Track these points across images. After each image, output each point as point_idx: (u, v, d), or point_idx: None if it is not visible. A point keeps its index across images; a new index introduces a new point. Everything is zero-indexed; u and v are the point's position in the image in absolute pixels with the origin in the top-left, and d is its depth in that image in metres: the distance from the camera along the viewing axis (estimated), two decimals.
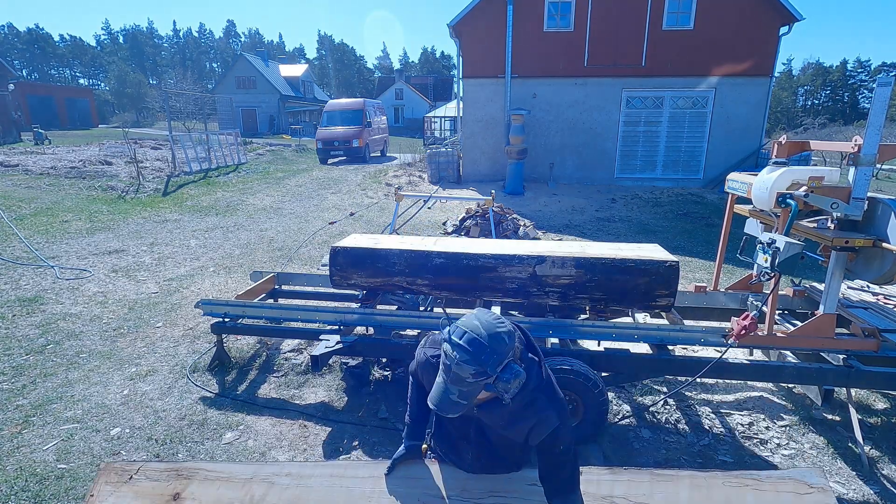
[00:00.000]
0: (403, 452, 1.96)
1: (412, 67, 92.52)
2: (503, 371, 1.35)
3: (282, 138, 31.89)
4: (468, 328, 1.36)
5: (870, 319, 3.35)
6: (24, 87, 38.45)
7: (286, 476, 2.11)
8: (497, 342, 1.35)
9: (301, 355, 4.31)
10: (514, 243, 3.74)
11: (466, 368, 1.33)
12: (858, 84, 63.97)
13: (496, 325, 1.38)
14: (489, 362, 1.33)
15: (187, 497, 2.06)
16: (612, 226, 9.91)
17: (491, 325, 1.37)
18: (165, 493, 2.07)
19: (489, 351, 1.33)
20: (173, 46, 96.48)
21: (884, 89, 2.66)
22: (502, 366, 1.35)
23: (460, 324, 1.40)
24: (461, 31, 14.06)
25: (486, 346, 1.33)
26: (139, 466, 2.19)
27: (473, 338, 1.34)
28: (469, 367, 1.33)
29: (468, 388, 1.37)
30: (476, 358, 1.32)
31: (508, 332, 1.39)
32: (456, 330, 1.38)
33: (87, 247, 7.60)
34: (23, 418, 3.41)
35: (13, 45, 76.87)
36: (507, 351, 1.36)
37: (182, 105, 24.66)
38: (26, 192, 10.88)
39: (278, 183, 14.47)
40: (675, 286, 3.23)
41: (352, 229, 9.06)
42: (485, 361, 1.33)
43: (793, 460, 3.09)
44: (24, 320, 4.98)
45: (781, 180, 3.10)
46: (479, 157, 14.98)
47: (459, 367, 1.33)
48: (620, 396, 3.76)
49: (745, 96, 13.75)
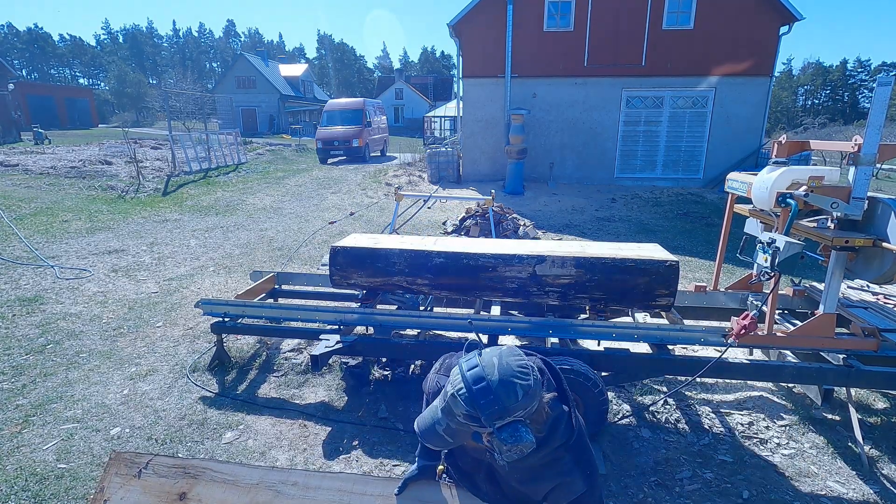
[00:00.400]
0: (416, 473, 1.78)
1: (412, 67, 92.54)
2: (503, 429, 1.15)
3: (282, 138, 31.89)
4: (483, 364, 1.18)
5: (870, 319, 3.35)
6: (23, 86, 38.44)
7: (292, 486, 2.06)
8: (506, 393, 1.14)
9: (301, 355, 4.31)
10: (514, 243, 3.74)
11: (460, 406, 1.16)
12: (858, 84, 63.98)
13: (515, 373, 1.17)
14: (486, 410, 1.14)
15: (193, 498, 2.05)
16: (611, 225, 9.91)
17: (508, 371, 1.17)
18: (172, 492, 2.07)
19: (492, 399, 1.14)
20: (173, 46, 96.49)
21: (884, 89, 2.66)
22: (504, 422, 1.15)
23: (481, 355, 1.22)
24: (461, 30, 14.06)
25: (489, 392, 1.14)
26: (149, 459, 2.20)
27: (481, 377, 1.16)
28: (463, 406, 1.16)
29: (456, 427, 1.20)
30: (474, 400, 1.15)
31: (526, 386, 1.16)
32: (471, 360, 1.21)
33: (87, 246, 7.60)
34: (23, 418, 3.41)
35: (13, 45, 76.87)
36: (514, 407, 1.15)
37: (182, 105, 24.67)
38: (26, 191, 10.88)
39: (278, 183, 14.46)
40: (674, 286, 3.23)
41: (352, 229, 9.06)
42: (482, 407, 1.14)
43: (793, 460, 3.09)
44: (24, 320, 4.98)
45: (781, 180, 3.10)
46: (478, 156, 14.98)
47: (454, 399, 1.17)
48: (620, 396, 3.76)
49: (745, 96, 13.75)
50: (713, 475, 2.95)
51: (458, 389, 1.17)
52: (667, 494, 2.81)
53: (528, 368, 1.20)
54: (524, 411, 1.16)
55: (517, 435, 1.14)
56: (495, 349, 1.24)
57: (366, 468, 2.99)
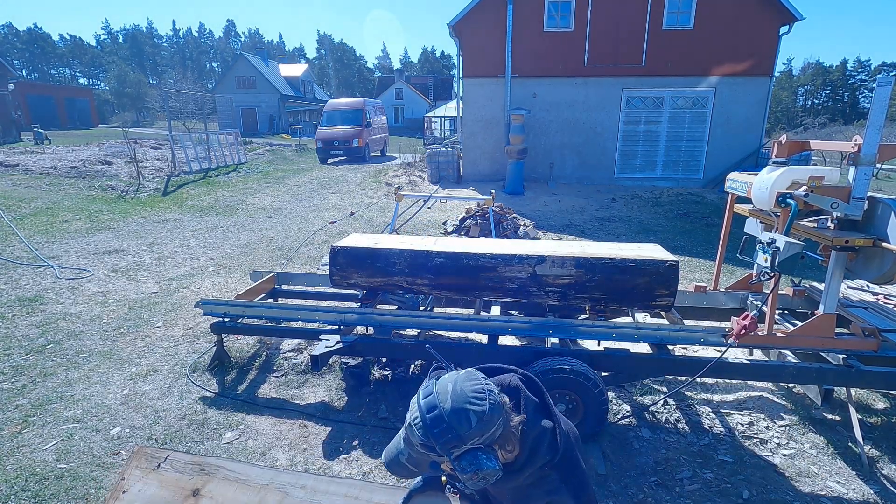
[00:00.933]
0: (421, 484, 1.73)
1: (412, 67, 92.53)
2: (461, 458, 1.11)
3: (282, 138, 31.89)
4: (437, 391, 1.14)
5: (870, 319, 3.35)
6: (23, 86, 38.45)
7: (301, 489, 2.14)
8: (458, 421, 1.09)
9: (301, 355, 4.31)
10: (514, 243, 3.74)
11: (416, 435, 1.12)
12: (858, 84, 63.96)
13: (469, 398, 1.11)
14: (440, 440, 1.09)
15: (206, 495, 2.12)
16: (611, 225, 9.92)
17: (461, 398, 1.11)
18: (187, 488, 2.15)
19: (445, 427, 1.09)
20: (173, 46, 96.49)
21: (884, 89, 2.66)
22: (461, 450, 1.10)
23: (437, 381, 1.18)
24: (461, 30, 14.06)
25: (442, 421, 1.09)
26: (167, 455, 2.33)
27: (434, 405, 1.11)
28: (418, 436, 1.12)
29: (417, 456, 1.17)
30: (427, 429, 1.10)
31: (480, 412, 1.10)
32: (428, 387, 1.17)
33: (87, 246, 7.60)
34: (23, 418, 3.41)
35: (13, 45, 76.85)
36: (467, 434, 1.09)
37: (182, 105, 24.67)
38: (26, 191, 10.88)
39: (278, 183, 14.47)
40: (674, 286, 3.23)
41: (352, 229, 9.06)
42: (435, 436, 1.09)
43: (793, 460, 3.09)
44: (24, 320, 4.98)
45: (781, 180, 3.10)
46: (478, 156, 14.98)
47: (411, 429, 1.14)
48: (620, 396, 3.76)
49: (745, 96, 13.75)
50: (713, 475, 2.95)
51: (414, 419, 1.14)
52: (667, 494, 2.81)
53: (483, 393, 1.15)
54: (481, 437, 1.12)
55: (476, 463, 1.11)
56: (453, 374, 1.20)
57: (366, 468, 2.99)
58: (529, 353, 3.32)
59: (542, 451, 1.25)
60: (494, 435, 1.14)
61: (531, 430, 1.25)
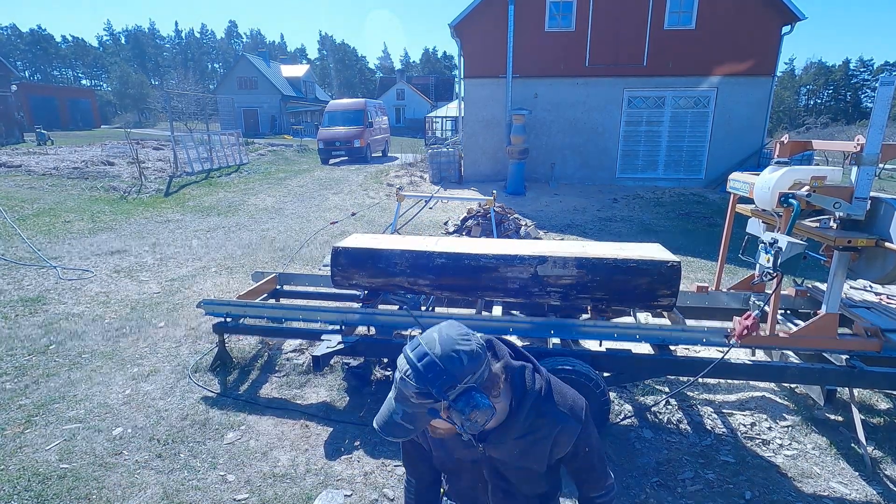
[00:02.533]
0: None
1: (413, 67, 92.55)
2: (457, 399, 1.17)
3: (283, 138, 31.92)
4: (424, 341, 1.21)
5: (872, 319, 3.34)
6: (26, 87, 38.56)
7: None
8: (450, 362, 1.17)
9: (302, 355, 4.31)
10: (516, 243, 3.73)
11: (410, 386, 1.17)
12: (861, 83, 63.78)
13: (457, 341, 1.20)
14: (435, 383, 1.16)
15: None
16: (613, 226, 9.90)
17: (449, 342, 1.20)
18: None
19: (438, 370, 1.16)
20: (175, 47, 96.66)
21: (886, 88, 2.65)
22: (456, 392, 1.17)
23: (421, 335, 1.25)
24: (462, 31, 14.06)
25: (435, 365, 1.16)
26: None
27: (424, 352, 1.18)
28: (413, 385, 1.17)
29: (412, 410, 1.21)
30: (421, 376, 1.16)
31: (470, 352, 1.19)
32: (413, 342, 1.23)
33: (90, 247, 7.62)
34: (25, 418, 3.42)
35: (16, 46, 77.09)
36: (461, 374, 1.17)
37: (184, 105, 24.74)
38: (29, 192, 10.91)
39: (280, 183, 14.48)
40: (676, 286, 3.23)
41: (353, 229, 9.07)
42: (430, 381, 1.16)
43: (795, 461, 3.09)
44: (27, 320, 4.99)
45: (783, 180, 3.10)
46: (480, 157, 14.97)
47: (404, 382, 1.18)
48: (622, 396, 3.76)
49: (746, 96, 13.72)
50: (715, 476, 2.95)
51: (406, 372, 1.19)
52: (669, 495, 2.80)
53: (468, 335, 1.24)
54: (473, 376, 1.19)
55: (472, 402, 1.17)
56: (435, 327, 1.27)
57: (367, 469, 2.99)
58: (531, 353, 3.31)
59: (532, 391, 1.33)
60: (483, 375, 1.21)
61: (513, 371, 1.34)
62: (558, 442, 1.36)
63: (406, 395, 1.19)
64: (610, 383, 3.40)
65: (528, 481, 1.45)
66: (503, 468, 1.43)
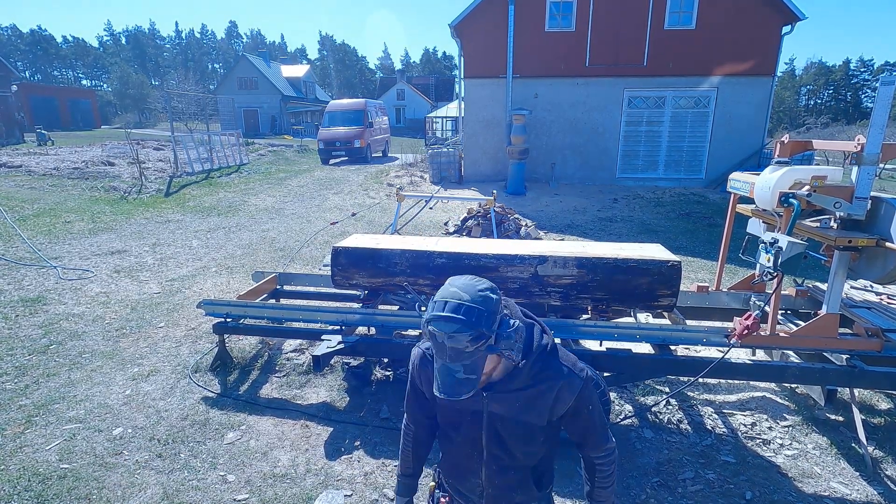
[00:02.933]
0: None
1: (414, 68, 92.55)
2: (500, 327, 1.24)
3: (283, 139, 31.93)
4: (449, 297, 1.24)
5: (873, 319, 3.33)
6: (27, 88, 38.58)
7: None
8: (484, 300, 1.24)
9: (303, 355, 4.31)
10: (516, 243, 3.73)
11: (462, 338, 1.20)
12: (861, 83, 63.77)
13: (475, 283, 1.27)
14: (482, 322, 1.21)
15: None
16: (613, 226, 9.90)
17: (471, 286, 1.26)
18: None
19: (478, 311, 1.22)
20: (175, 47, 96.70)
21: (887, 88, 2.65)
22: (497, 322, 1.24)
23: (438, 297, 1.27)
24: (462, 31, 14.06)
25: (473, 308, 1.22)
26: None
27: (458, 304, 1.22)
28: (464, 336, 1.20)
29: (471, 361, 1.25)
30: (468, 323, 1.20)
31: (490, 287, 1.28)
32: (436, 304, 1.25)
33: (90, 247, 7.62)
34: (25, 418, 3.42)
35: (16, 47, 77.14)
36: (495, 306, 1.25)
37: (184, 106, 24.74)
38: (29, 192, 10.92)
39: (280, 183, 14.49)
40: (677, 286, 3.22)
41: (353, 230, 9.07)
42: (477, 323, 1.21)
43: (796, 461, 3.08)
44: (27, 320, 4.99)
45: (784, 180, 3.09)
46: (480, 157, 14.97)
47: (454, 339, 1.20)
48: (622, 396, 3.75)
49: (747, 96, 13.71)
50: (716, 476, 2.94)
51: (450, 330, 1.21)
52: (669, 495, 2.80)
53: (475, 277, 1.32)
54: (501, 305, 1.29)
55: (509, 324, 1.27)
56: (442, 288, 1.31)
57: (367, 469, 2.99)
58: None
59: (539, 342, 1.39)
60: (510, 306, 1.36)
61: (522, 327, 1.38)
62: (560, 397, 1.38)
63: (460, 350, 1.22)
64: (610, 383, 3.40)
65: (525, 441, 1.46)
66: (502, 427, 1.44)
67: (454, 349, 1.22)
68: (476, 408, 1.44)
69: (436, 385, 1.30)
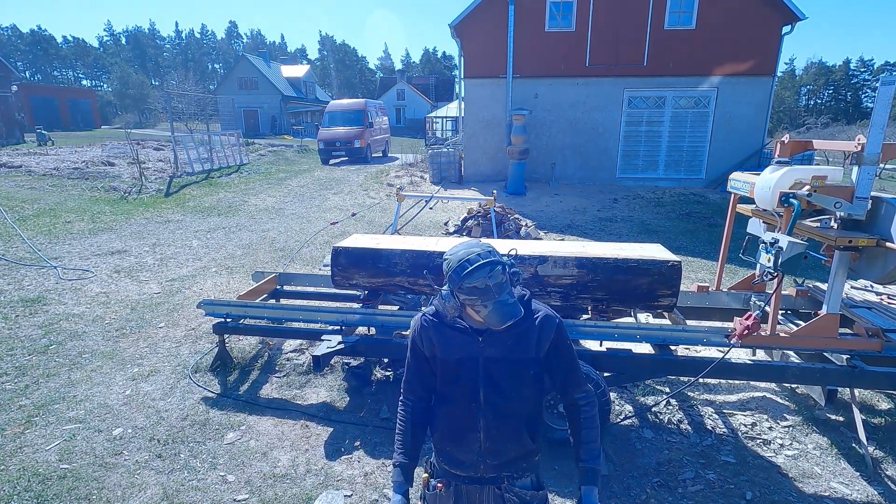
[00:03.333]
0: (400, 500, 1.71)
1: (414, 68, 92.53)
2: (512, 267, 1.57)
3: (283, 139, 31.92)
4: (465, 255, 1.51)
5: (873, 319, 3.33)
6: (27, 88, 38.59)
7: None
8: (491, 252, 1.53)
9: (303, 355, 4.31)
10: (516, 243, 3.73)
11: (497, 272, 1.49)
12: (861, 83, 63.75)
13: (466, 240, 1.65)
14: (499, 256, 1.53)
15: None
16: (613, 226, 9.90)
17: (470, 244, 1.57)
18: None
19: (490, 249, 1.53)
20: (175, 47, 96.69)
21: (887, 88, 2.65)
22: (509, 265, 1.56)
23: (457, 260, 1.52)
24: (462, 31, 14.06)
25: (488, 251, 1.52)
26: None
27: (477, 254, 1.51)
28: (498, 270, 1.49)
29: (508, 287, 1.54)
30: (494, 261, 1.50)
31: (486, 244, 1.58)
32: (459, 265, 1.50)
33: (90, 247, 7.62)
34: (25, 418, 3.42)
35: (16, 47, 77.13)
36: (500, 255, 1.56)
37: (184, 106, 24.72)
38: (29, 192, 10.92)
39: (280, 183, 14.48)
40: (677, 286, 3.22)
41: (353, 230, 9.07)
42: (497, 258, 1.52)
43: (796, 461, 3.08)
44: (27, 321, 4.99)
45: (784, 180, 3.09)
46: (480, 157, 14.97)
47: (493, 276, 1.48)
48: (622, 396, 3.75)
49: (747, 96, 13.71)
50: (716, 476, 2.94)
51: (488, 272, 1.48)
52: (669, 495, 2.80)
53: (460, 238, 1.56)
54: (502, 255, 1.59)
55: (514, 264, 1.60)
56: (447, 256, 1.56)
57: (367, 469, 2.99)
58: None
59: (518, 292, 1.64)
60: None
61: None
62: (542, 331, 1.63)
63: (501, 283, 1.50)
64: (610, 383, 3.40)
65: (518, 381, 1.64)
66: (496, 371, 1.62)
67: (497, 284, 1.49)
68: (473, 354, 1.62)
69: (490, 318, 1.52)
